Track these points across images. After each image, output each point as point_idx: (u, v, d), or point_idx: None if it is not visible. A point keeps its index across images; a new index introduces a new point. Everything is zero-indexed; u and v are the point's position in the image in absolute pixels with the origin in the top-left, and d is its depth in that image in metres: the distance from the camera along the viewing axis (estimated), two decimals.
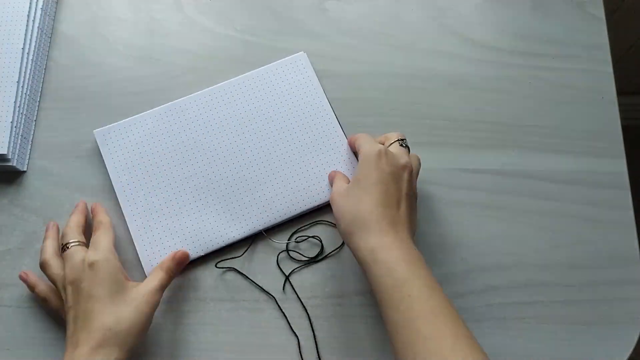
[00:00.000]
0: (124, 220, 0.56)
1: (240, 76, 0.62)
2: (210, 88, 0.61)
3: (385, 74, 0.63)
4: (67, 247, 0.51)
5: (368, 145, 0.51)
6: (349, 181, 0.52)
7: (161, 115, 0.60)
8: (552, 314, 0.53)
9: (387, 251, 0.44)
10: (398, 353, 0.41)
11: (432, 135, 0.60)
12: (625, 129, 0.61)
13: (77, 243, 0.51)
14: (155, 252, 0.55)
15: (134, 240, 0.56)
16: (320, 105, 0.60)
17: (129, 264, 0.56)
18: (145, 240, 0.56)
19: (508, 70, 0.63)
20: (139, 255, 0.55)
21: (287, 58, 0.62)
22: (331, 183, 0.56)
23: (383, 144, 0.53)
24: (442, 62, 0.64)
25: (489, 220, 0.57)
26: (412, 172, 0.50)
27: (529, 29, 0.65)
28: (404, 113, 0.61)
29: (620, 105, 0.62)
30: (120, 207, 0.57)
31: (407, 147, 0.53)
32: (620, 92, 0.62)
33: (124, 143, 0.59)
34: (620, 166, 0.59)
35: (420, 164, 0.53)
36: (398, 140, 0.53)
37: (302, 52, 0.62)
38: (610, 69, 0.63)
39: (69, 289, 0.48)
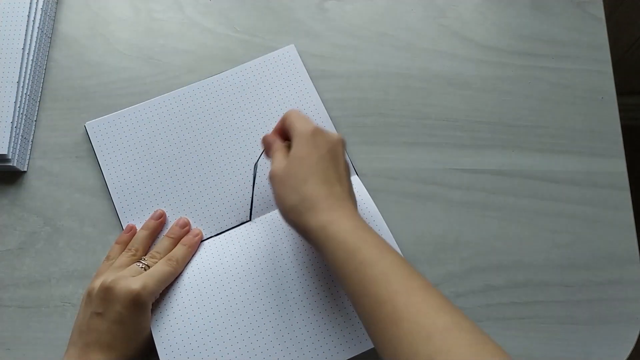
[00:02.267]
0: (116, 212, 0.57)
1: (230, 70, 0.62)
2: (200, 81, 0.62)
3: (384, 74, 0.63)
4: (139, 262, 0.52)
5: (301, 123, 0.49)
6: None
7: (151, 108, 0.61)
8: (551, 313, 0.53)
9: (337, 225, 0.43)
10: (362, 321, 0.41)
11: (431, 136, 0.60)
12: (625, 129, 0.61)
13: (142, 265, 0.51)
14: None
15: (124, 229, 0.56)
16: (309, 97, 0.61)
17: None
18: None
19: (507, 70, 0.63)
20: None
21: (276, 51, 0.63)
22: (266, 149, 0.53)
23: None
24: (442, 62, 0.64)
25: (488, 220, 0.57)
26: (345, 146, 0.50)
27: (528, 29, 0.65)
28: (404, 113, 0.61)
29: (619, 105, 0.62)
30: (113, 202, 0.57)
31: None
32: (619, 92, 0.62)
33: (115, 135, 0.60)
34: (619, 166, 0.59)
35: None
36: None
37: (291, 44, 0.63)
38: (610, 69, 0.63)
39: (101, 293, 0.48)
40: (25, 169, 0.60)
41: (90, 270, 0.55)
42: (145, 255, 0.53)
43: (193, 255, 0.54)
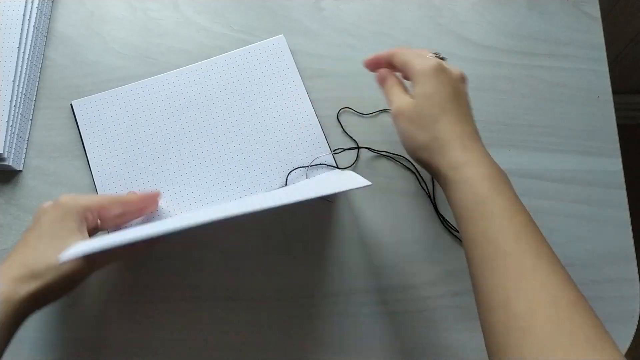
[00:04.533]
0: (97, 189, 0.58)
1: (217, 56, 0.63)
2: (187, 66, 0.62)
3: None
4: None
5: (421, 60, 0.47)
6: (405, 90, 0.50)
7: (140, 89, 0.61)
8: None
9: (472, 168, 0.43)
10: (474, 267, 0.41)
11: None
12: (621, 128, 0.61)
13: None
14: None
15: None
16: (295, 87, 0.61)
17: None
18: None
19: (504, 69, 0.63)
20: None
21: (265, 40, 0.63)
22: (380, 82, 0.53)
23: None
24: None
25: None
26: (466, 82, 0.49)
27: (524, 28, 0.65)
28: None
29: (615, 104, 0.62)
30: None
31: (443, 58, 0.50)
32: (615, 91, 0.62)
33: (101, 114, 0.60)
34: (615, 165, 0.59)
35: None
36: (436, 55, 0.49)
37: (280, 35, 0.63)
38: (606, 68, 0.63)
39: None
40: (21, 168, 0.59)
41: None
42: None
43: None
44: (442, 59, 0.49)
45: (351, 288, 0.55)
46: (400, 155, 0.59)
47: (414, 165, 0.59)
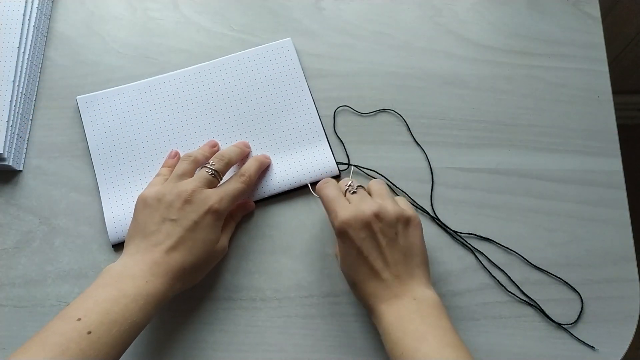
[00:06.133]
0: (97, 187, 0.58)
1: (225, 57, 0.63)
2: (194, 66, 0.62)
3: (381, 73, 0.63)
4: (205, 167, 0.53)
5: (332, 218, 0.48)
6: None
7: (145, 88, 0.61)
8: (548, 312, 0.54)
9: (383, 319, 0.46)
10: None
11: (428, 135, 0.60)
12: (621, 128, 0.61)
13: (210, 172, 0.52)
14: (123, 222, 0.56)
15: (103, 207, 0.57)
16: (300, 90, 0.61)
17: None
18: (114, 208, 0.57)
19: (504, 69, 0.63)
20: (106, 223, 0.56)
21: (273, 43, 0.63)
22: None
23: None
24: (438, 61, 0.64)
25: (484, 219, 0.57)
26: (383, 213, 0.47)
27: (524, 28, 0.65)
28: (400, 112, 0.61)
29: (615, 104, 0.62)
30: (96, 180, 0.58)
31: (358, 187, 0.51)
32: (615, 91, 0.62)
33: (105, 111, 0.61)
34: (615, 165, 0.59)
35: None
36: (347, 190, 0.51)
37: (288, 38, 0.63)
38: (606, 68, 0.63)
39: (178, 203, 0.49)
40: (21, 168, 0.59)
41: (86, 270, 0.55)
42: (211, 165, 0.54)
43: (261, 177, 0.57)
44: (354, 192, 0.50)
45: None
46: None
47: None
